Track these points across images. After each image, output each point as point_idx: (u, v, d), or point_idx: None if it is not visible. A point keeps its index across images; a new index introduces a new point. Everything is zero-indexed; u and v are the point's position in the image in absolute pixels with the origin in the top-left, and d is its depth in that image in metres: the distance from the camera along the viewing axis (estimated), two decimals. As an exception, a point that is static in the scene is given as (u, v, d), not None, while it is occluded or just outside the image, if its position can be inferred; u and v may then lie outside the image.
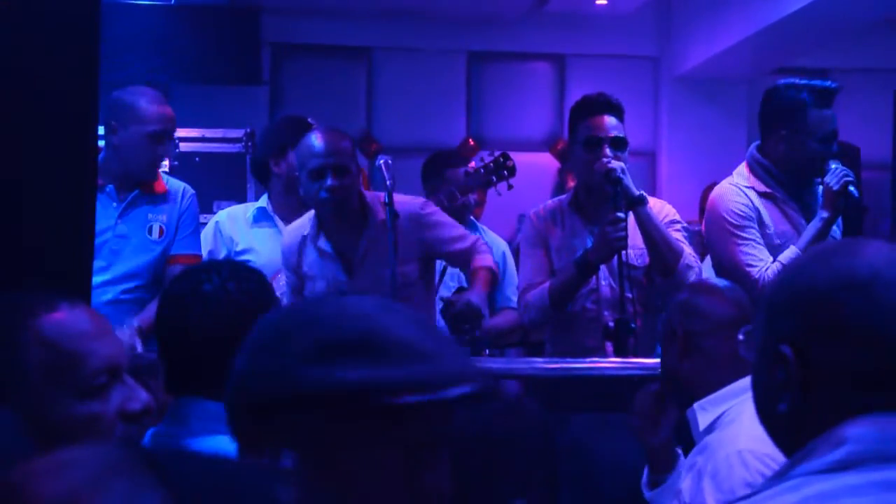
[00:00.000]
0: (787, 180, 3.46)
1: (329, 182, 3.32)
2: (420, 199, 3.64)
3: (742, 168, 3.55)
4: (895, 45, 7.05)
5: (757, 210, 3.44)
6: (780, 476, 1.21)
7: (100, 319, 1.56)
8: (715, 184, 5.54)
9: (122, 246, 3.44)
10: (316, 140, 3.38)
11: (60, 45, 1.86)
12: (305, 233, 3.51)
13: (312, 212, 3.52)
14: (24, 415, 1.39)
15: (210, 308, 1.80)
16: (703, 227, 3.72)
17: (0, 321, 1.46)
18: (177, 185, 3.64)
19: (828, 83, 3.49)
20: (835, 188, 3.29)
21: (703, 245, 4.94)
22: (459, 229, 3.59)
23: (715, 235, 3.50)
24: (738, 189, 3.49)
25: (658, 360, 2.56)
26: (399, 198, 3.44)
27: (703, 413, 2.29)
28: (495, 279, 3.55)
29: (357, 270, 3.46)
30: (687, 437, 2.40)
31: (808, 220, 3.41)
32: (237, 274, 1.87)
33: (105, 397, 1.48)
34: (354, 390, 1.03)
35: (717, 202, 3.52)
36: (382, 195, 3.37)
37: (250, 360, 1.09)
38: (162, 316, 1.89)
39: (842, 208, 3.34)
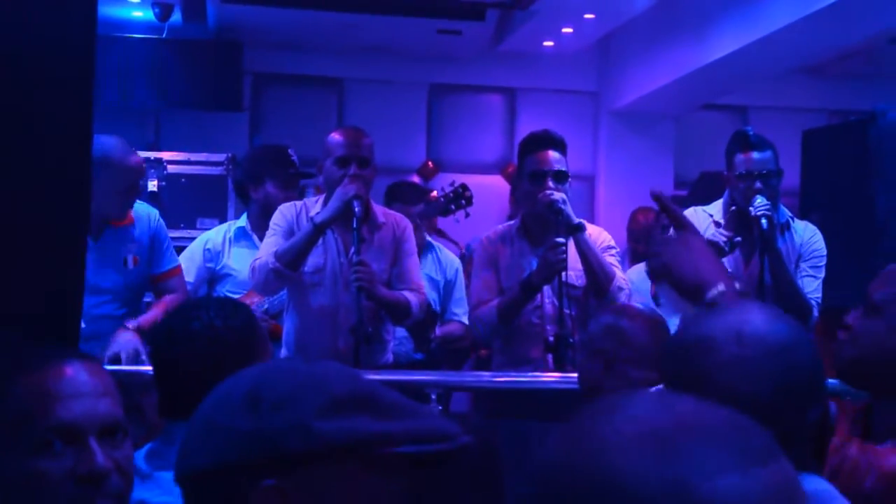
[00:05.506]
0: (738, 210, 3.66)
1: (353, 170, 3.47)
2: (406, 220, 3.73)
3: (726, 196, 3.75)
4: (805, 89, 7.38)
5: (703, 232, 3.55)
6: None
7: (87, 381, 1.49)
8: (642, 208, 5.98)
9: (100, 277, 3.45)
10: (343, 134, 3.55)
11: (56, 73, 1.84)
12: (309, 212, 3.54)
13: (315, 198, 3.65)
14: None
15: (198, 343, 1.86)
16: None
17: None
18: (142, 210, 3.62)
19: (746, 129, 3.73)
20: (752, 213, 3.55)
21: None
22: (417, 277, 3.66)
23: None
24: (693, 210, 3.74)
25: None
26: (389, 210, 3.68)
27: None
28: (405, 310, 3.56)
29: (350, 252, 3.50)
30: None
31: (746, 248, 3.65)
32: (223, 311, 1.91)
33: (55, 457, 1.43)
34: (367, 440, 1.06)
35: None
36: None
37: (258, 420, 1.05)
38: (155, 348, 1.95)
39: (750, 229, 3.59)
